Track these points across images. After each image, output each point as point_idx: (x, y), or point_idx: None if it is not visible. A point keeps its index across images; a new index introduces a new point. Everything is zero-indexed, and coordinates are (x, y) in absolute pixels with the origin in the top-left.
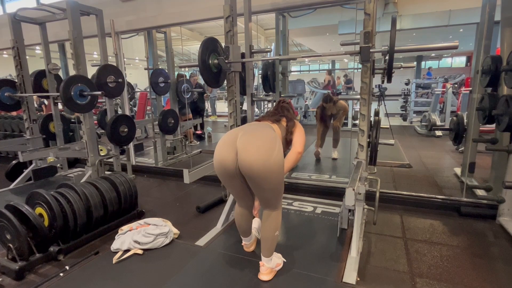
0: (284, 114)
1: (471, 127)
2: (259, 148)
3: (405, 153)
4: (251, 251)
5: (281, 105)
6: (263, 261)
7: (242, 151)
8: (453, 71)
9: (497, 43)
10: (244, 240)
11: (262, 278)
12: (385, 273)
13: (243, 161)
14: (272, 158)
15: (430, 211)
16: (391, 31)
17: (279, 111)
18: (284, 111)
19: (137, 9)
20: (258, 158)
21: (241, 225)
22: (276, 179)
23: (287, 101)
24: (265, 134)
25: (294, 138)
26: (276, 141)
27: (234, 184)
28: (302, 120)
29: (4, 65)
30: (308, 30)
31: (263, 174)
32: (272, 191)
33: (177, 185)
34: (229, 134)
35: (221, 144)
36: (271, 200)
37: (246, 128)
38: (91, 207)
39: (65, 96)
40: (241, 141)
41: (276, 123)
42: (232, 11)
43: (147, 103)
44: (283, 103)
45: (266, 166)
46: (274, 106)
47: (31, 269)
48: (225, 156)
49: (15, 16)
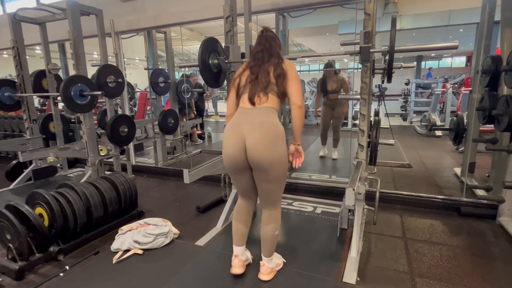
0: (273, 54)
1: (471, 127)
2: (265, 148)
3: (405, 153)
4: (238, 272)
5: (266, 35)
6: (263, 261)
7: (250, 152)
8: (453, 71)
9: (497, 43)
10: (235, 250)
11: (263, 278)
12: (385, 273)
13: (252, 159)
14: (278, 151)
15: (430, 211)
16: (391, 31)
17: (265, 45)
18: (272, 44)
19: (137, 9)
20: (267, 155)
21: (239, 218)
22: (280, 169)
23: (270, 28)
24: (268, 131)
25: (289, 88)
26: (278, 132)
27: (243, 177)
28: None
29: (4, 65)
30: (308, 30)
31: (270, 166)
32: (277, 181)
33: (177, 185)
34: (232, 129)
35: (228, 143)
36: (273, 194)
37: (248, 123)
38: (91, 207)
39: (65, 96)
40: (249, 143)
41: (269, 91)
42: (232, 11)
43: (147, 103)
44: (267, 32)
45: (274, 160)
46: (257, 40)
47: (31, 269)
48: (237, 156)
49: (15, 16)
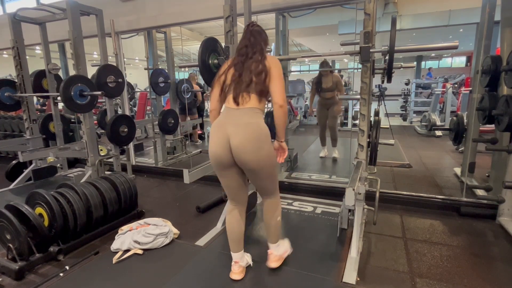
0: (256, 49)
1: (471, 127)
2: (251, 148)
3: (405, 153)
4: (238, 279)
5: (251, 29)
6: (271, 249)
7: (236, 152)
8: (453, 71)
9: (497, 43)
10: (234, 256)
11: (272, 265)
12: (385, 273)
13: (239, 159)
14: (263, 153)
15: (430, 211)
16: (391, 31)
17: (250, 40)
18: (257, 38)
19: (137, 9)
20: (251, 158)
21: (232, 228)
22: (269, 168)
23: (256, 23)
24: (253, 132)
25: (271, 87)
26: (263, 133)
27: (229, 174)
28: (302, 120)
29: (4, 65)
30: (308, 30)
31: (258, 167)
32: (268, 178)
33: (177, 185)
34: (218, 129)
35: (214, 142)
36: (269, 186)
37: (233, 124)
38: (91, 207)
39: (65, 96)
40: (234, 144)
41: (252, 92)
42: (232, 11)
43: (147, 103)
44: (252, 26)
45: (260, 160)
46: (243, 33)
47: (31, 269)
48: (222, 155)
49: (15, 16)
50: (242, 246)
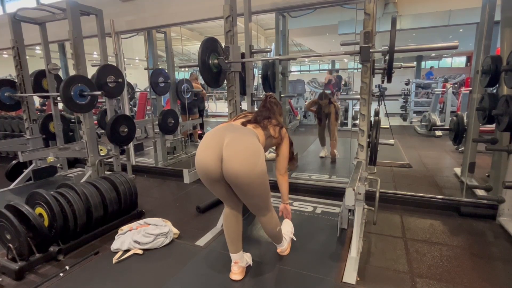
0: (272, 114)
1: (471, 127)
2: (244, 161)
3: (405, 153)
4: (238, 279)
5: (269, 100)
6: (278, 248)
7: (227, 162)
8: (453, 71)
9: (497, 43)
10: (233, 257)
11: (284, 254)
12: (385, 273)
13: (227, 171)
14: (256, 170)
15: (430, 211)
16: (391, 31)
17: (268, 107)
18: (273, 107)
19: (137, 9)
20: (242, 171)
21: (229, 230)
22: (260, 188)
23: (274, 95)
24: (250, 146)
25: (281, 150)
26: (260, 153)
27: (219, 188)
28: (302, 120)
29: (4, 65)
30: (308, 30)
31: (247, 185)
32: (259, 197)
33: (177, 185)
34: (213, 136)
35: (204, 148)
36: (260, 204)
37: (231, 135)
38: (91, 207)
39: (65, 96)
40: (227, 152)
41: (262, 129)
42: (232, 11)
43: (147, 103)
44: (270, 98)
45: (251, 178)
46: (262, 102)
47: (31, 269)
48: (209, 163)
49: (15, 16)
50: (240, 247)
